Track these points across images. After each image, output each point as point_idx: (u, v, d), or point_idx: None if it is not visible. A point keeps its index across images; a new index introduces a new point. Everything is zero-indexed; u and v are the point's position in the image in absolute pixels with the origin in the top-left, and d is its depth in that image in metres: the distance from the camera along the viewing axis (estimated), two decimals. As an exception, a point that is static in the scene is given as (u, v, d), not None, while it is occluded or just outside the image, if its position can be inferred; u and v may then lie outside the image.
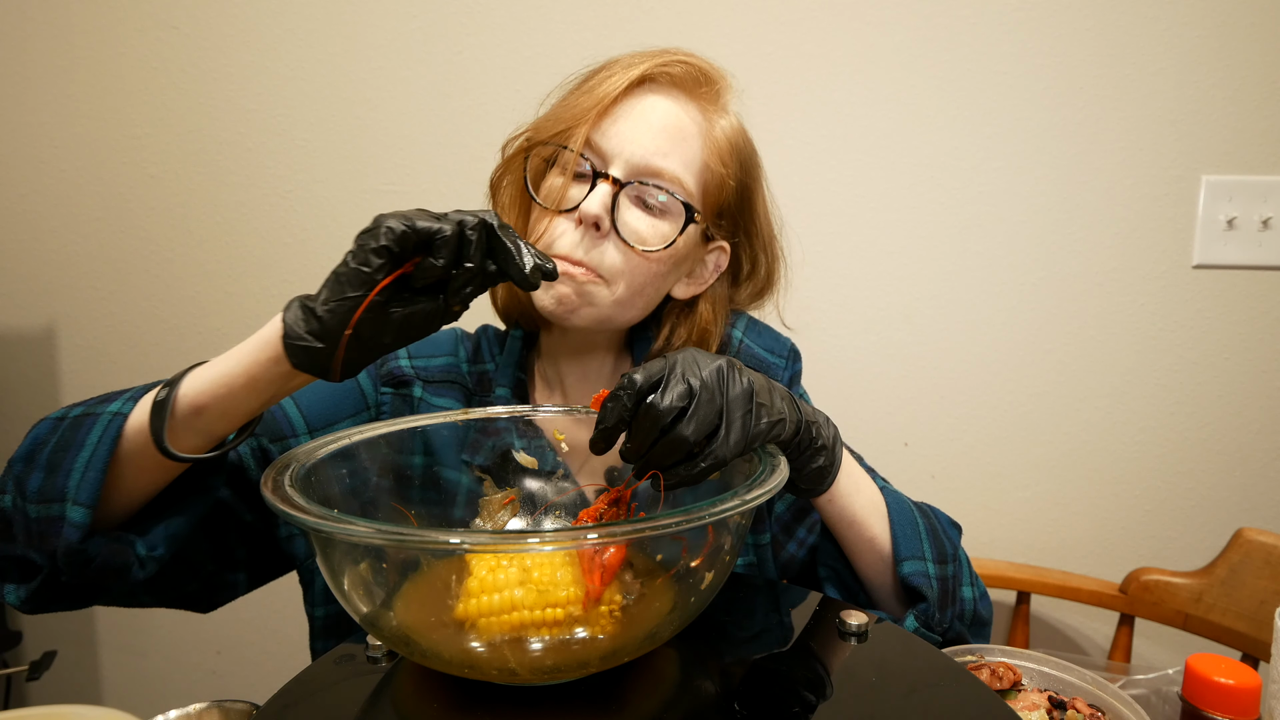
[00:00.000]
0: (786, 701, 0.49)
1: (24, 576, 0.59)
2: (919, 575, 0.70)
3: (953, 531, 0.77)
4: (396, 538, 0.42)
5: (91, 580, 0.57)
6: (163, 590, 0.67)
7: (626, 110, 0.70)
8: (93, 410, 0.58)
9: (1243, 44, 1.15)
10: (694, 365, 0.54)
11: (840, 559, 0.76)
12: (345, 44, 1.30)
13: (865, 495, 0.72)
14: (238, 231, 1.38)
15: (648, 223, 0.70)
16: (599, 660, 0.48)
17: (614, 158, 0.70)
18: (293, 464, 0.53)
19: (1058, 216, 1.22)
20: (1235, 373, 1.23)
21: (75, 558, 0.55)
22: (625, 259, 0.70)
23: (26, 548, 0.56)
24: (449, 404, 0.77)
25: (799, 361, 0.87)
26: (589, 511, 0.60)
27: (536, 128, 0.74)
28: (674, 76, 0.71)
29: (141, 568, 0.59)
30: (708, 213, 0.74)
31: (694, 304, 0.79)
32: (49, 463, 0.56)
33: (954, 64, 1.21)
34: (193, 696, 0.59)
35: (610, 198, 0.68)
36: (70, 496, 0.55)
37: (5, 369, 1.46)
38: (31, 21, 1.35)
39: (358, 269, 0.52)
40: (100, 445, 0.56)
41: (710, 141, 0.72)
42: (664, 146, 0.70)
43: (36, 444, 0.58)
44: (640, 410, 0.52)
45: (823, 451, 0.65)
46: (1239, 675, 0.59)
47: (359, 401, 0.77)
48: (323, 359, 0.52)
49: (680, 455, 0.53)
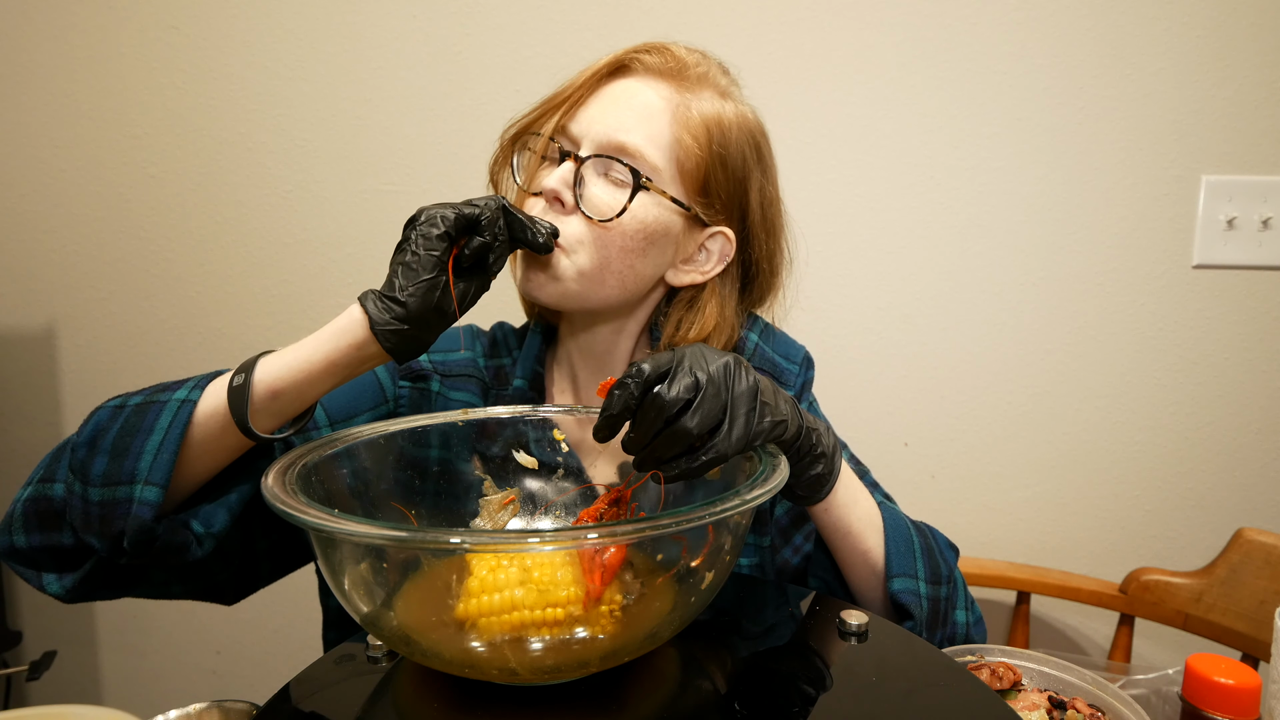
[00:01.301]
0: (787, 701, 0.49)
1: (65, 566, 0.61)
2: (908, 593, 0.70)
3: (950, 554, 0.76)
4: (397, 538, 0.42)
5: (153, 559, 0.59)
6: (194, 580, 0.69)
7: (599, 96, 0.73)
8: (154, 398, 0.60)
9: (1243, 44, 1.15)
10: (701, 359, 0.55)
11: (832, 570, 0.76)
12: (345, 44, 1.30)
13: (862, 508, 0.72)
14: (238, 231, 1.38)
15: (610, 194, 0.71)
16: (599, 660, 0.48)
17: (582, 139, 0.72)
18: (293, 463, 0.53)
19: (1058, 216, 1.22)
20: (1235, 373, 1.23)
21: (143, 536, 0.57)
22: (586, 229, 0.71)
23: (84, 533, 0.58)
24: (466, 397, 0.79)
25: (812, 369, 0.86)
26: (589, 511, 0.60)
27: (523, 121, 0.77)
28: (647, 64, 0.73)
29: (200, 545, 0.61)
30: (689, 190, 0.73)
31: (700, 300, 0.78)
32: (114, 447, 0.58)
33: (954, 64, 1.21)
34: (193, 696, 0.60)
35: (572, 174, 0.71)
36: (142, 478, 0.56)
37: (5, 369, 1.46)
38: (31, 21, 1.35)
39: (428, 254, 0.59)
40: (172, 429, 0.58)
41: (682, 118, 0.72)
42: (627, 122, 0.71)
43: (99, 430, 0.59)
44: (646, 401, 0.53)
45: (822, 459, 0.66)
46: (1239, 675, 0.59)
47: (378, 395, 0.78)
48: (410, 339, 0.60)
49: (682, 448, 0.53)
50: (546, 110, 0.74)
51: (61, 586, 0.61)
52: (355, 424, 0.75)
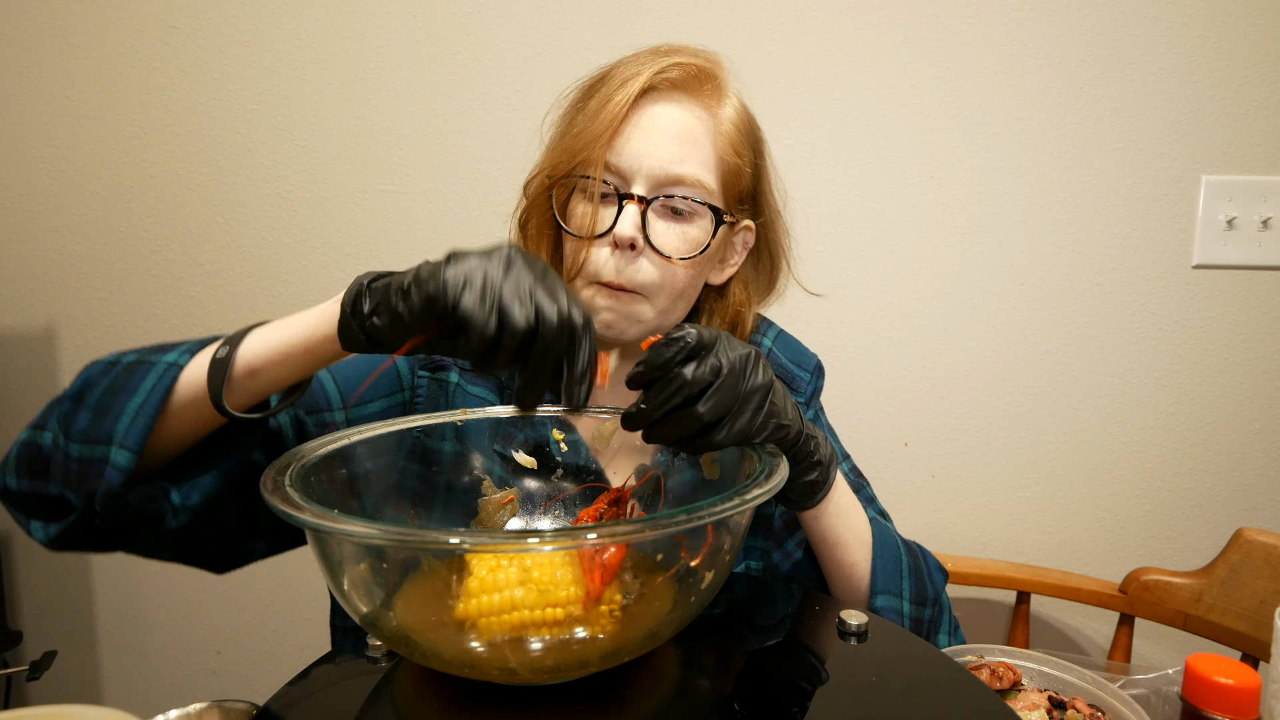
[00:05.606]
0: (786, 701, 0.49)
1: (52, 515, 0.60)
2: (890, 611, 0.70)
3: (938, 576, 0.76)
4: (396, 538, 0.42)
5: (125, 526, 0.58)
6: (185, 546, 0.67)
7: (635, 125, 0.71)
8: (147, 358, 0.59)
9: (1243, 44, 1.15)
10: (727, 346, 0.55)
11: (817, 580, 0.76)
12: (345, 44, 1.30)
13: (852, 520, 0.72)
14: (238, 231, 1.38)
15: (678, 231, 0.72)
16: (599, 660, 0.48)
17: (634, 175, 0.71)
18: (293, 462, 0.53)
19: (1058, 216, 1.22)
20: (1235, 373, 1.23)
21: (114, 501, 0.55)
22: (661, 271, 0.72)
23: (63, 487, 0.57)
24: (483, 392, 0.78)
25: (822, 377, 0.88)
26: (589, 511, 0.60)
27: (553, 163, 0.75)
28: (674, 81, 0.72)
29: (175, 516, 0.59)
30: (730, 202, 0.76)
31: (725, 286, 0.81)
32: (98, 404, 0.56)
33: (954, 64, 1.21)
34: (193, 696, 0.60)
35: (640, 216, 0.70)
36: (117, 440, 0.55)
37: (5, 369, 1.46)
38: (31, 22, 1.35)
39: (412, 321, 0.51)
40: (153, 393, 0.56)
41: (720, 135, 0.73)
42: (679, 153, 0.71)
43: (87, 385, 0.58)
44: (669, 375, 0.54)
45: (817, 467, 0.66)
46: (1239, 675, 0.59)
47: (394, 383, 0.77)
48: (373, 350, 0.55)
49: (687, 432, 0.54)
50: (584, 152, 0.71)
51: (46, 535, 0.60)
52: (369, 410, 0.75)
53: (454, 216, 1.33)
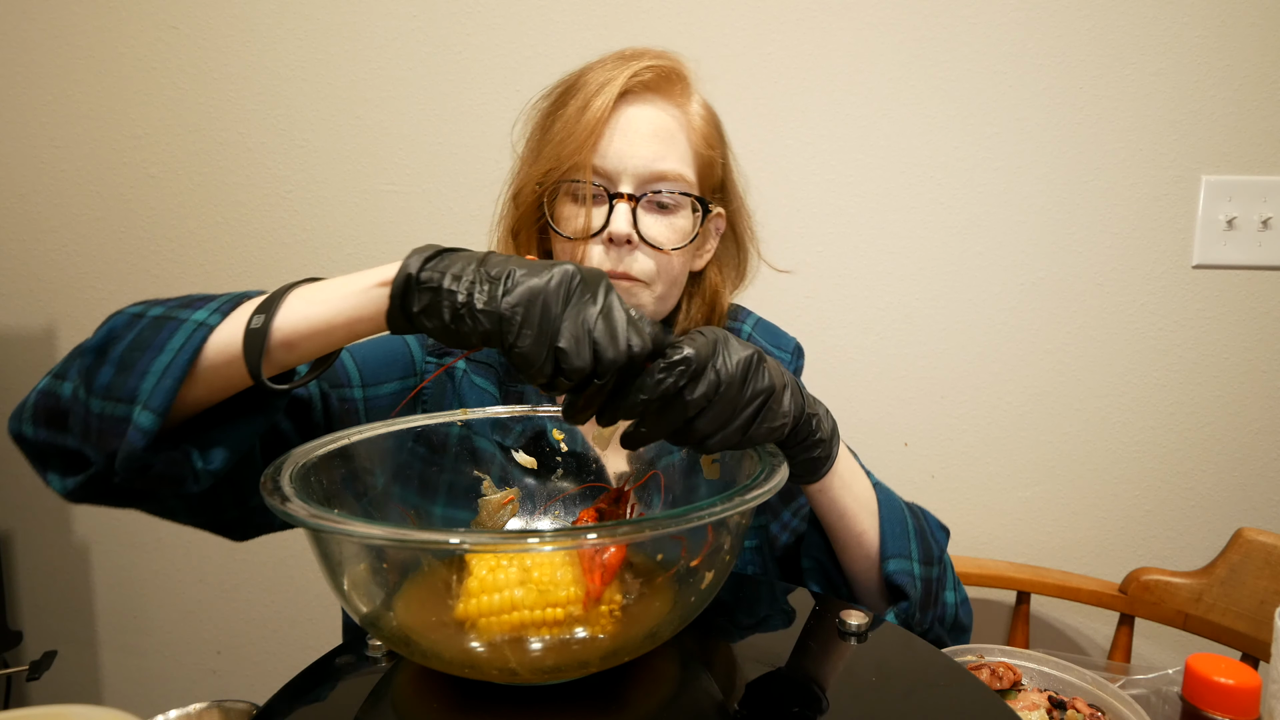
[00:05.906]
0: (786, 701, 0.49)
1: (70, 469, 0.58)
2: (903, 574, 0.71)
3: (941, 535, 0.77)
4: (396, 538, 0.42)
5: (147, 486, 0.56)
6: (203, 512, 0.66)
7: (615, 128, 0.75)
8: (174, 314, 0.57)
9: (1243, 44, 1.15)
10: (726, 355, 0.53)
11: (826, 551, 0.77)
12: (345, 44, 1.30)
13: (858, 489, 0.73)
14: (238, 231, 1.38)
15: (666, 223, 0.77)
16: (599, 660, 0.48)
17: (620, 175, 0.75)
18: (293, 462, 0.52)
19: (1058, 216, 1.22)
20: (1235, 373, 1.23)
21: (134, 463, 0.53)
22: (657, 261, 0.76)
23: (82, 442, 0.55)
24: (485, 385, 0.81)
25: (802, 358, 0.90)
26: (589, 511, 0.60)
27: (542, 171, 0.77)
28: (646, 83, 0.77)
29: (196, 481, 0.57)
30: (706, 192, 0.81)
31: (702, 271, 0.85)
32: (122, 359, 0.55)
33: (954, 64, 1.21)
34: (193, 696, 0.59)
35: (631, 213, 0.74)
36: (141, 400, 0.53)
37: (5, 369, 1.46)
38: (31, 21, 1.35)
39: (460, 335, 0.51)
40: (181, 353, 0.54)
41: (693, 131, 0.79)
42: (660, 151, 0.76)
43: (111, 337, 0.56)
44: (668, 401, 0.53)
45: (820, 444, 0.66)
46: (1239, 675, 0.59)
47: (407, 366, 0.80)
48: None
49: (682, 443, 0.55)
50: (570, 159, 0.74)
51: (64, 487, 0.58)
52: (384, 390, 0.77)
53: (454, 216, 1.33)
